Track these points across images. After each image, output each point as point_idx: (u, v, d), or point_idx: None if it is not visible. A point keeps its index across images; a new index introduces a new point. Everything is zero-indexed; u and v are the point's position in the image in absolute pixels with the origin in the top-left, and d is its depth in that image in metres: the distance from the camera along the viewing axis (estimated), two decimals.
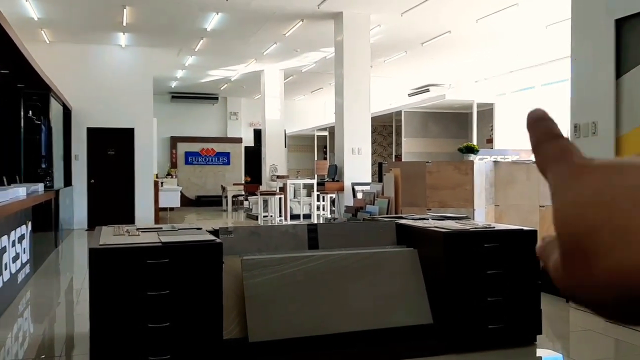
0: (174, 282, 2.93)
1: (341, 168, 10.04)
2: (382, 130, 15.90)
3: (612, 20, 4.15)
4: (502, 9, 9.62)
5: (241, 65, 14.52)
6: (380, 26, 10.61)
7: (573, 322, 4.33)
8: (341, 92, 9.97)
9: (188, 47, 12.47)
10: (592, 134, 4.43)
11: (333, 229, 3.84)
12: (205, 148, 19.48)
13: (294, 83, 16.67)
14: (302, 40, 11.80)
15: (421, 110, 13.12)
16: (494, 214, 6.97)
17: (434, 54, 12.92)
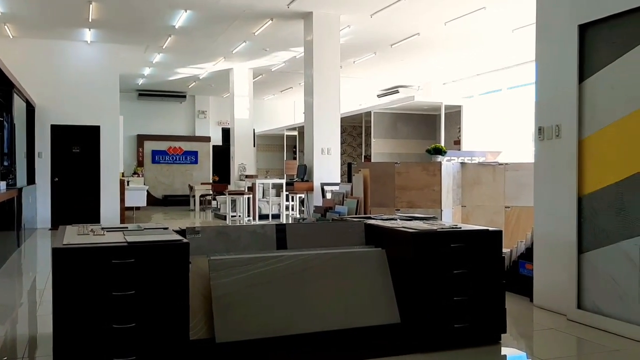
0: (140, 283, 2.89)
1: (310, 168, 10.04)
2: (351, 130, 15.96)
3: (576, 26, 4.24)
4: (470, 12, 9.76)
5: (210, 63, 14.40)
6: (350, 27, 10.65)
7: (537, 321, 4.42)
8: (311, 92, 9.98)
9: (155, 45, 12.31)
10: (556, 137, 4.52)
11: (301, 229, 3.84)
12: (172, 147, 19.26)
13: (264, 82, 16.61)
14: (271, 39, 11.76)
15: (390, 111, 13.22)
16: (460, 214, 7.07)
17: (403, 55, 13.03)
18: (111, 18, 10.33)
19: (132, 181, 16.44)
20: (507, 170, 6.99)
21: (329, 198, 8.45)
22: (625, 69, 3.90)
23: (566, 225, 4.33)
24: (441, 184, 6.57)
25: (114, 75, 12.14)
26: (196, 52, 13.15)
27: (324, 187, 9.47)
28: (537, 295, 4.74)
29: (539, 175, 4.76)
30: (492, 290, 3.67)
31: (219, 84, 16.87)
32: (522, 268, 5.16)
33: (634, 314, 3.79)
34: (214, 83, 17.08)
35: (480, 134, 12.41)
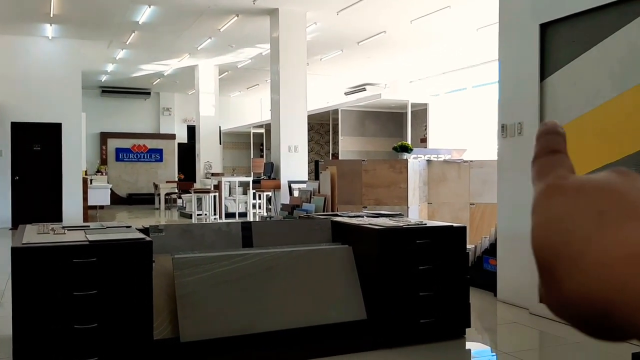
0: (102, 282, 2.83)
1: (277, 166, 10.01)
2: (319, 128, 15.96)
3: (537, 25, 4.32)
4: (435, 11, 9.86)
5: (174, 59, 14.22)
6: (317, 24, 10.64)
7: (500, 315, 4.49)
8: (277, 89, 9.94)
9: (119, 40, 12.09)
10: (518, 134, 4.60)
11: (268, 227, 3.82)
12: (137, 144, 18.96)
13: (229, 79, 16.48)
14: (237, 35, 11.68)
15: (358, 109, 13.26)
16: (427, 211, 7.14)
17: (370, 53, 13.09)
18: (73, 13, 10.10)
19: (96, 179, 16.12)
20: (472, 167, 7.09)
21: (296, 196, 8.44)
22: (585, 67, 3.98)
23: (529, 221, 4.39)
24: (408, 182, 6.62)
25: (76, 72, 11.88)
26: (161, 49, 12.97)
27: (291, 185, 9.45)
28: (501, 290, 4.82)
29: (502, 172, 4.84)
30: (457, 286, 3.71)
31: (184, 80, 16.67)
32: (486, 263, 5.24)
33: None
34: (179, 80, 16.87)
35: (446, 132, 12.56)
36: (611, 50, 3.79)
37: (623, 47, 3.71)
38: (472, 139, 12.23)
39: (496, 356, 3.61)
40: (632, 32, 3.65)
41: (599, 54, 3.88)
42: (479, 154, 9.62)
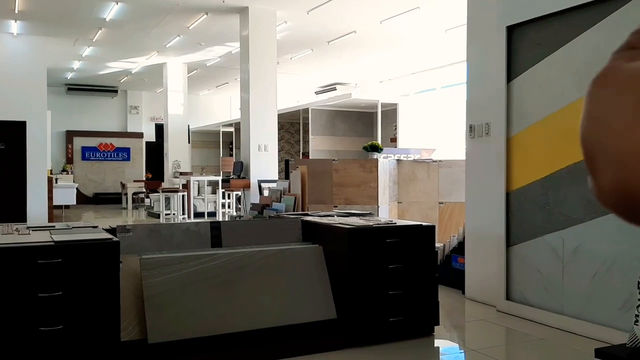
0: (68, 283, 2.78)
1: (247, 165, 9.96)
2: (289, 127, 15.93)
3: (504, 27, 4.39)
4: (405, 12, 9.93)
5: (142, 57, 14.02)
6: (287, 23, 10.63)
7: (468, 313, 4.56)
8: (247, 88, 9.88)
9: (85, 37, 11.87)
10: (486, 134, 4.67)
11: (237, 227, 3.80)
12: (103, 143, 18.65)
13: (199, 77, 16.33)
14: (206, 33, 11.58)
15: (328, 108, 13.28)
16: (397, 210, 7.19)
17: (340, 52, 13.13)
18: (38, 9, 9.88)
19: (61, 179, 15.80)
20: (441, 167, 7.17)
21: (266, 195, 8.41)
22: (550, 69, 4.06)
23: (495, 220, 4.48)
24: (378, 181, 6.66)
25: (41, 69, 11.62)
26: (128, 46, 12.78)
27: (261, 184, 9.42)
28: (469, 287, 4.89)
29: (470, 172, 4.90)
30: (426, 284, 3.75)
31: (152, 78, 16.46)
32: (454, 262, 5.30)
33: (559, 304, 3.97)
34: (147, 78, 16.65)
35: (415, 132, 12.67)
36: (575, 52, 3.87)
37: (587, 50, 3.79)
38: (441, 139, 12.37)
39: (464, 353, 3.66)
40: (596, 35, 3.74)
41: (564, 57, 3.97)
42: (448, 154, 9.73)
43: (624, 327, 3.37)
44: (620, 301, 3.54)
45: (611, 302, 3.60)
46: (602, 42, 3.69)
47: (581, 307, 3.80)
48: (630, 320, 3.01)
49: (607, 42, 3.66)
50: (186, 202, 11.50)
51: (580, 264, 3.81)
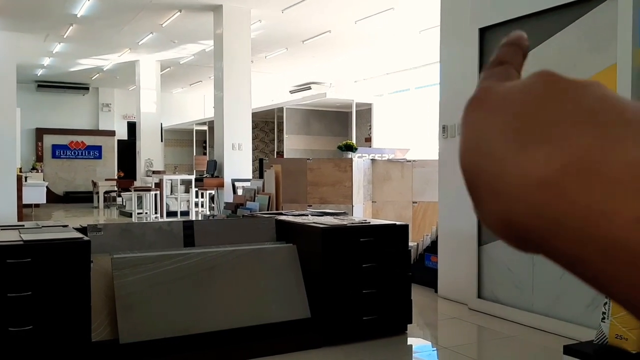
0: (37, 283, 2.73)
1: (221, 164, 9.90)
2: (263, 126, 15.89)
3: (477, 29, 4.45)
4: (380, 12, 9.99)
5: (114, 54, 13.84)
6: (261, 21, 10.59)
7: (441, 311, 4.60)
8: (221, 86, 9.83)
9: (56, 34, 11.67)
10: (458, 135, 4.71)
11: (210, 226, 3.78)
12: (74, 141, 18.35)
13: (172, 75, 16.18)
14: (180, 31, 11.48)
15: (303, 107, 13.28)
16: (371, 209, 7.23)
17: (315, 52, 13.14)
18: (8, 4, 9.67)
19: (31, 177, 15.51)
20: (415, 166, 7.23)
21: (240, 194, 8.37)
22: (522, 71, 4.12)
23: (467, 219, 4.53)
24: (352, 180, 6.68)
25: (10, 65, 11.36)
26: (100, 43, 12.60)
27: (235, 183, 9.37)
28: (442, 286, 4.94)
29: (443, 172, 4.95)
30: (399, 283, 3.78)
31: (125, 76, 16.26)
32: (427, 260, 5.35)
33: (528, 302, 4.03)
34: (119, 75, 16.44)
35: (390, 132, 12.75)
36: (546, 55, 3.94)
37: (556, 53, 3.86)
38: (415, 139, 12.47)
39: (436, 351, 3.69)
40: (565, 38, 3.81)
41: (533, 60, 4.03)
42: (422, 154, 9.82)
43: (592, 324, 3.44)
44: (588, 299, 3.61)
45: (579, 300, 3.68)
46: (572, 45, 3.76)
47: (550, 304, 3.87)
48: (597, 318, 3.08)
49: (576, 45, 3.73)
50: (159, 201, 11.38)
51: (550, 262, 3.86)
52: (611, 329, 2.85)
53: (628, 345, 2.79)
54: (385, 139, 12.50)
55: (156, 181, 12.19)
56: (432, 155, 7.72)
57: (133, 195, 11.33)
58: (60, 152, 18.20)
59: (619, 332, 2.82)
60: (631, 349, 2.79)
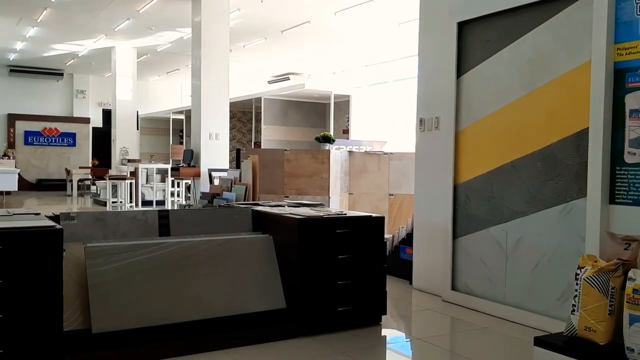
0: (8, 272, 2.68)
1: (198, 153, 9.83)
2: (241, 116, 15.79)
3: (455, 23, 4.47)
4: (359, 4, 9.98)
5: (90, 40, 13.61)
6: (240, 10, 10.51)
7: (415, 303, 4.65)
8: (198, 75, 9.74)
9: (29, 17, 11.42)
10: (435, 128, 4.75)
11: (186, 216, 3.75)
12: (47, 127, 18.03)
13: (148, 62, 15.98)
14: (157, 18, 11.33)
15: (281, 98, 13.23)
16: (347, 201, 7.25)
17: (294, 42, 13.08)
18: None
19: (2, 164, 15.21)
20: (392, 159, 7.26)
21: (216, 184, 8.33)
22: (498, 66, 4.17)
23: (442, 212, 4.58)
24: (329, 172, 6.69)
25: None
26: (75, 28, 12.37)
27: (212, 173, 9.31)
28: (416, 278, 4.98)
29: (419, 165, 4.99)
30: (375, 274, 3.80)
31: (100, 62, 16.00)
32: (402, 252, 5.39)
33: (501, 295, 4.09)
34: (94, 61, 16.18)
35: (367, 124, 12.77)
36: (521, 51, 3.98)
37: (532, 49, 3.91)
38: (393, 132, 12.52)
39: (410, 342, 3.73)
40: (541, 34, 3.85)
41: (510, 55, 4.07)
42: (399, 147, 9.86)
43: (562, 317, 3.51)
44: (558, 292, 3.68)
45: (550, 292, 3.74)
46: (547, 42, 3.81)
47: (522, 297, 3.94)
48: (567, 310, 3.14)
49: (552, 41, 3.77)
50: (134, 190, 11.26)
51: (522, 255, 3.94)
52: (580, 321, 2.91)
53: (596, 337, 2.86)
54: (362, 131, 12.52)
55: (131, 170, 12.05)
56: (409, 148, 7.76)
57: (108, 184, 11.19)
58: (33, 138, 17.87)
59: (588, 324, 2.88)
60: (599, 341, 2.85)
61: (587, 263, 2.98)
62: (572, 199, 3.61)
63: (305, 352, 3.28)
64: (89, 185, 14.83)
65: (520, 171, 3.97)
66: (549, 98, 3.80)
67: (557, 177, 3.72)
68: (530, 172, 3.90)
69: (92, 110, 18.83)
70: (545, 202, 3.79)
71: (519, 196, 3.97)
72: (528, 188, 3.91)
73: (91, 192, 14.49)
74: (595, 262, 2.96)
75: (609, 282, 2.84)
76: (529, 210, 3.90)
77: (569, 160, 3.65)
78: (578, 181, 3.58)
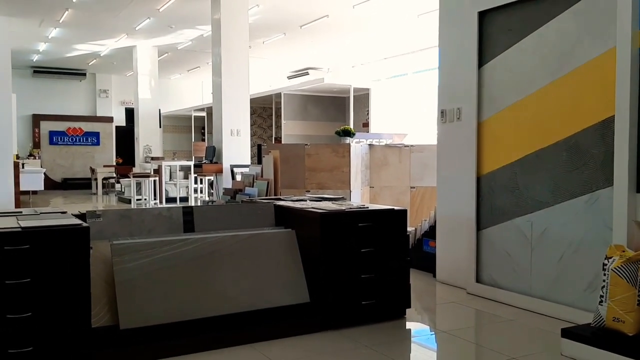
0: (36, 270, 2.73)
1: (219, 150, 9.89)
2: (261, 112, 15.84)
3: (476, 12, 4.42)
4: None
5: (111, 40, 13.75)
6: (259, 6, 10.52)
7: (439, 296, 4.62)
8: (219, 72, 9.79)
9: (51, 18, 11.58)
10: (457, 119, 4.71)
11: (209, 212, 3.78)
12: (72, 127, 18.30)
13: (169, 61, 16.10)
14: (177, 16, 11.40)
15: (301, 93, 13.24)
16: (369, 195, 7.24)
17: (313, 37, 13.06)
18: None
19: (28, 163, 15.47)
20: (413, 151, 7.22)
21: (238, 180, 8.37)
22: (520, 55, 4.11)
23: (466, 204, 4.54)
24: (350, 166, 6.68)
25: (4, 51, 11.26)
26: (96, 28, 12.50)
27: (234, 169, 9.37)
28: (440, 271, 4.95)
29: (441, 157, 4.95)
30: (398, 268, 3.79)
31: (122, 61, 16.17)
32: (425, 245, 5.37)
33: (526, 286, 4.05)
34: (116, 61, 16.35)
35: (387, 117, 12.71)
36: (544, 38, 3.92)
37: (555, 36, 3.84)
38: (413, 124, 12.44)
39: (435, 335, 3.71)
40: (563, 22, 3.78)
41: (533, 43, 4.01)
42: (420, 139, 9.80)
43: (589, 308, 3.46)
44: (585, 282, 3.63)
45: (577, 283, 3.69)
46: (571, 29, 3.74)
47: (548, 288, 3.89)
48: (595, 301, 3.10)
49: (576, 28, 3.71)
50: (158, 188, 11.37)
51: (548, 246, 3.89)
52: (608, 312, 2.87)
53: (625, 328, 2.81)
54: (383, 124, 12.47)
55: (155, 167, 12.18)
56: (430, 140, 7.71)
57: (132, 182, 11.32)
58: (57, 138, 18.15)
59: (616, 314, 2.84)
60: (628, 331, 2.81)
61: (614, 253, 2.93)
62: (598, 188, 3.55)
63: (330, 346, 3.29)
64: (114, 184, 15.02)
65: (544, 161, 3.92)
66: (573, 86, 3.73)
67: (583, 166, 3.67)
68: (555, 162, 3.85)
69: (115, 109, 19.05)
70: (570, 192, 3.74)
71: (544, 186, 3.92)
72: (553, 178, 3.86)
73: (116, 190, 14.68)
74: (623, 252, 2.92)
75: (637, 272, 2.79)
76: (554, 200, 3.84)
77: (594, 149, 3.59)
78: (604, 170, 3.52)
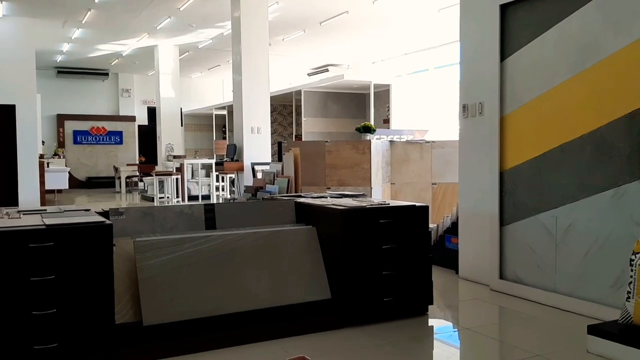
0: (60, 267, 2.77)
1: (240, 148, 9.93)
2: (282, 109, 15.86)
3: (497, 6, 4.36)
4: None
5: (133, 39, 13.88)
6: (279, 3, 10.52)
7: (462, 292, 4.58)
8: (239, 70, 9.81)
9: (74, 19, 11.72)
10: (479, 114, 4.66)
11: (231, 209, 3.79)
12: (95, 126, 18.53)
13: (190, 59, 16.20)
14: (197, 15, 11.46)
15: (320, 90, 13.21)
16: (390, 191, 7.20)
17: (333, 34, 13.02)
18: None
19: (53, 163, 15.71)
20: (434, 148, 7.16)
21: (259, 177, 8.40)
22: (543, 48, 4.05)
23: (489, 200, 4.49)
24: (371, 162, 6.65)
25: (29, 52, 11.46)
26: (118, 28, 12.63)
27: (255, 167, 9.39)
28: (462, 267, 4.91)
29: (463, 152, 4.90)
30: (420, 264, 3.77)
31: (144, 61, 16.31)
32: (448, 242, 5.32)
33: (551, 282, 4.00)
34: (138, 60, 16.50)
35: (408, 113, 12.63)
36: (567, 31, 3.85)
37: (578, 29, 3.77)
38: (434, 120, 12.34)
39: (458, 332, 3.68)
40: (587, 14, 3.71)
41: (556, 36, 3.95)
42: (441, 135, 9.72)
43: (616, 304, 3.40)
44: (612, 279, 3.57)
45: (603, 279, 3.63)
46: (595, 21, 3.67)
47: (573, 285, 3.83)
48: (622, 298, 3.04)
49: (600, 20, 3.64)
50: (180, 186, 11.47)
51: (573, 242, 3.83)
52: (636, 308, 2.81)
53: None
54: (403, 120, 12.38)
55: (177, 166, 12.27)
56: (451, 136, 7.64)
57: (154, 180, 11.43)
58: (81, 137, 18.39)
59: None
60: None
61: None
62: (624, 182, 3.49)
63: (352, 343, 3.28)
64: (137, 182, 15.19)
65: (568, 156, 3.86)
66: (597, 79, 3.67)
67: (608, 160, 3.60)
68: (579, 156, 3.78)
69: (138, 108, 19.24)
70: (596, 186, 3.67)
71: (568, 181, 3.86)
72: (577, 173, 3.80)
73: (139, 189, 14.84)
74: None
75: None
76: (579, 195, 3.78)
77: (620, 142, 3.52)
78: (630, 164, 3.45)
